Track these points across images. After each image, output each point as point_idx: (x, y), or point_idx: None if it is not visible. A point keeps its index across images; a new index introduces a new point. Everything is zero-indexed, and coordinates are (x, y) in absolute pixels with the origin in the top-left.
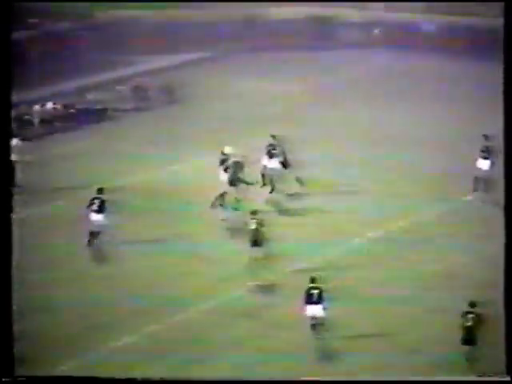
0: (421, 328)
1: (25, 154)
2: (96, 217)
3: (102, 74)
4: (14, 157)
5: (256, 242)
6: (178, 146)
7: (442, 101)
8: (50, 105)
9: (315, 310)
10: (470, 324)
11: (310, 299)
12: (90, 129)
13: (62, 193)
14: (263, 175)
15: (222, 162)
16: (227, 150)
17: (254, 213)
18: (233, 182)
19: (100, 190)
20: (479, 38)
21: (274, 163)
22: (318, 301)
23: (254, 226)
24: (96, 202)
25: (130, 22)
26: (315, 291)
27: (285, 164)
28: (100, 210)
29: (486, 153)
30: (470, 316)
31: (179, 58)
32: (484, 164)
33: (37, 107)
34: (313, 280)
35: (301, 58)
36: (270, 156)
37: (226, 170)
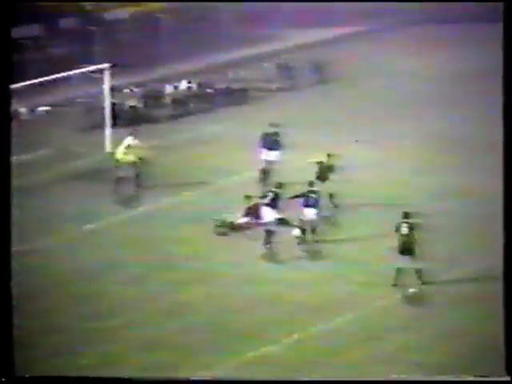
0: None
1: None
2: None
3: (244, 49)
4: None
5: (407, 250)
6: (328, 132)
7: None
8: (184, 84)
9: (309, 213)
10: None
11: (306, 202)
12: (227, 111)
13: (193, 182)
14: (264, 171)
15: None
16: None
17: (406, 216)
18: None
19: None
20: None
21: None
22: (314, 205)
23: (405, 231)
24: (270, 195)
25: None
26: (313, 195)
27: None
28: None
29: None
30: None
31: (332, 33)
32: None
33: (169, 86)
34: (311, 184)
35: (466, 33)
36: (271, 147)
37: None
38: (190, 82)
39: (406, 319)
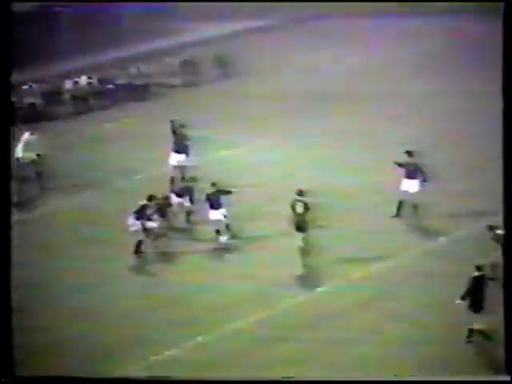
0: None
1: (38, 149)
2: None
3: (146, 43)
4: (22, 153)
5: (300, 228)
6: (231, 128)
7: None
8: (84, 79)
9: (216, 215)
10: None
11: (210, 205)
12: (129, 108)
13: (94, 183)
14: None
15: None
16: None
17: (300, 194)
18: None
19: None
20: None
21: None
22: (218, 206)
23: (300, 210)
24: (149, 209)
25: None
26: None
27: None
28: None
29: (414, 171)
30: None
31: (235, 27)
32: (409, 184)
33: (68, 82)
34: (213, 184)
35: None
36: (180, 151)
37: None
38: (90, 78)
39: (317, 318)
